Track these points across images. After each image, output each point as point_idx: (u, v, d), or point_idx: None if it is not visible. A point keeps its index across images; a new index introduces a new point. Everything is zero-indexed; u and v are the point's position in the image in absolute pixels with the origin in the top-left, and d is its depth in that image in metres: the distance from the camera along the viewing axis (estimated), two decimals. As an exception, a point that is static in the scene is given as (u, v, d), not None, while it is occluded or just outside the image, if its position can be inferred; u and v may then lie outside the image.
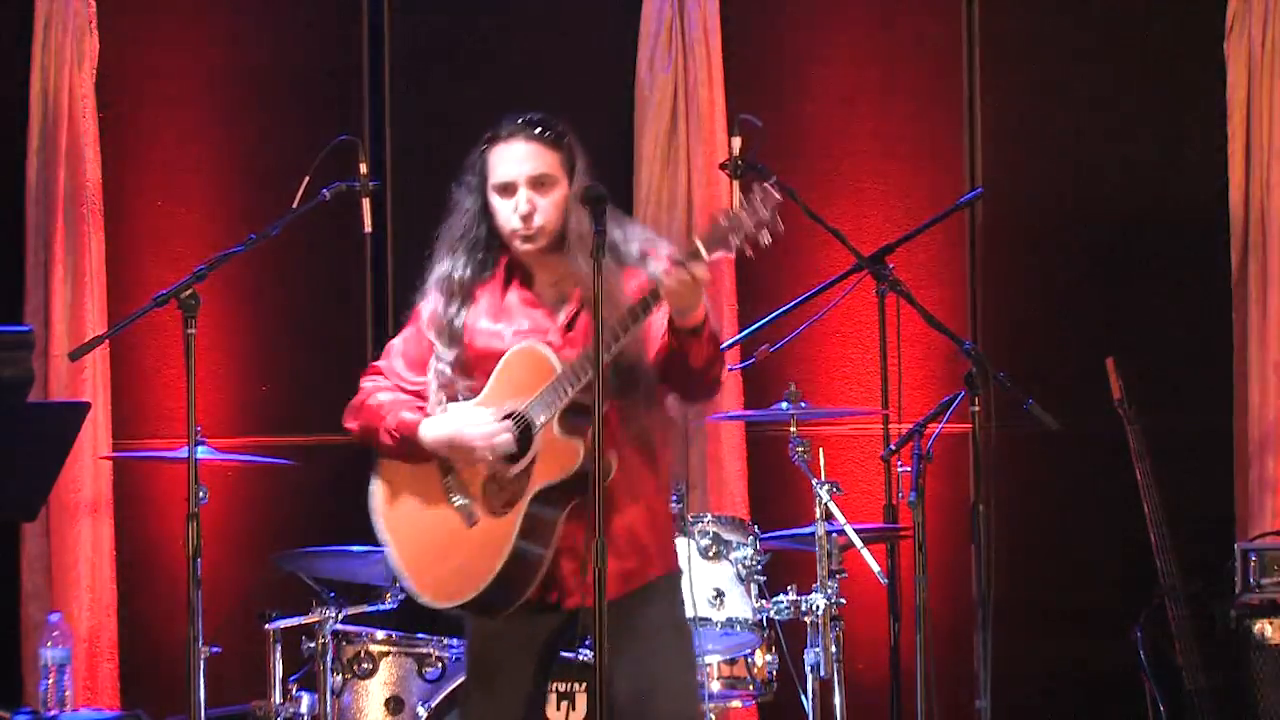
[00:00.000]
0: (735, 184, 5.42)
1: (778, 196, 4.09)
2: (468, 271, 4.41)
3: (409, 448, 4.36)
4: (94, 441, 6.64)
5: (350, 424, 4.49)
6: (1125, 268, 6.99)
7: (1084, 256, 7.00)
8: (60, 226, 6.68)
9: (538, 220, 4.32)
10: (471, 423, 4.27)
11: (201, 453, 5.36)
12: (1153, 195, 6.96)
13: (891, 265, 5.61)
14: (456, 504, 4.33)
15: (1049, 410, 5.25)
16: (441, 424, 4.31)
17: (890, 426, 6.12)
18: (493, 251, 4.43)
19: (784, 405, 5.83)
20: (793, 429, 5.80)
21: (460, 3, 7.09)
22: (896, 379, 5.96)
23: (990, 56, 7.00)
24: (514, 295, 4.42)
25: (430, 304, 4.45)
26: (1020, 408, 5.26)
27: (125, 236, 6.86)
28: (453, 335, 4.38)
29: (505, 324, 4.39)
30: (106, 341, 6.17)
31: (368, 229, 5.00)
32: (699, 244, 4.09)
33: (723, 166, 5.54)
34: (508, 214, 4.35)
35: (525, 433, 4.26)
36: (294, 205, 4.87)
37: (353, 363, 6.94)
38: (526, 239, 4.34)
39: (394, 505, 4.42)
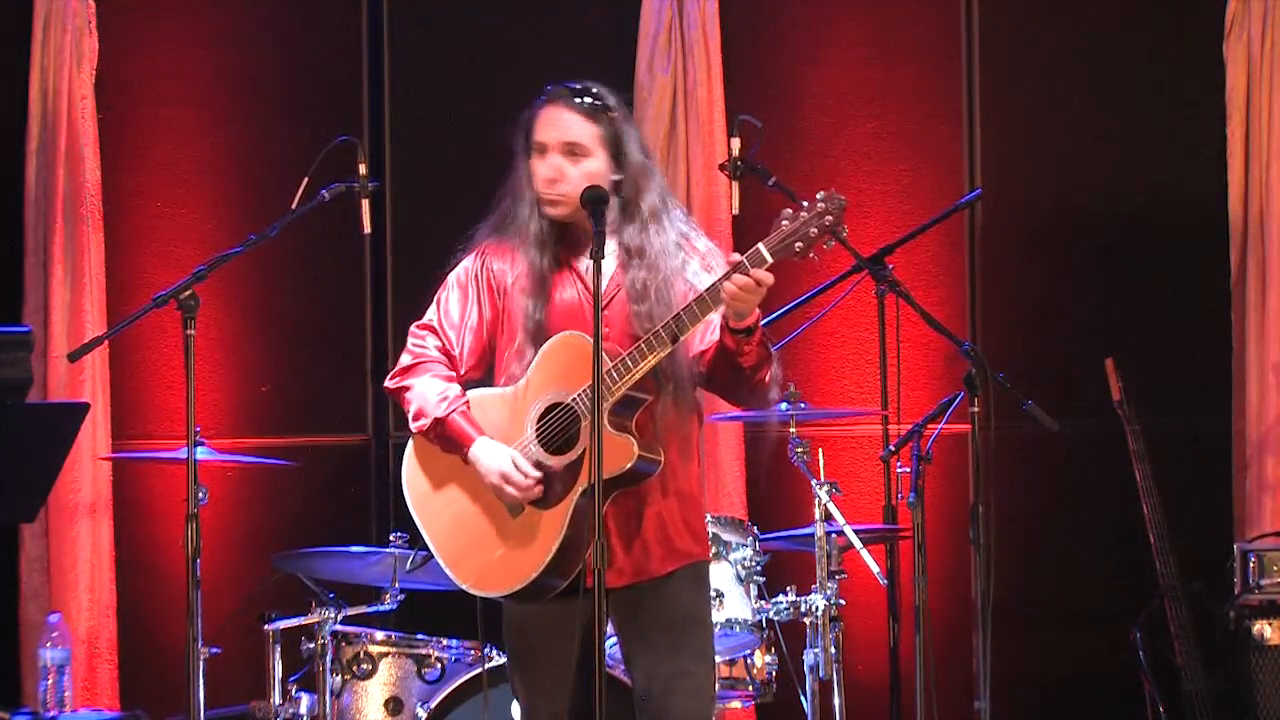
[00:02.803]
0: (735, 185, 5.42)
1: (841, 199, 4.13)
2: (543, 226, 4.43)
3: (449, 446, 4.40)
4: (93, 442, 6.63)
5: (396, 384, 4.50)
6: (1125, 268, 6.98)
7: (1084, 257, 7.00)
8: (59, 227, 6.68)
9: (562, 187, 4.36)
10: (511, 479, 4.29)
11: (201, 453, 5.36)
12: (1152, 196, 6.96)
13: (891, 266, 5.61)
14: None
15: (1048, 411, 5.25)
16: (489, 458, 4.33)
17: (889, 427, 6.12)
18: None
19: (783, 406, 5.83)
20: (792, 429, 5.80)
21: (460, 3, 7.09)
22: (896, 380, 5.95)
23: (990, 56, 7.00)
24: (562, 262, 4.44)
25: (517, 259, 4.43)
26: (1019, 408, 5.26)
27: (125, 237, 6.85)
28: (546, 292, 4.39)
29: (558, 290, 4.41)
30: (106, 342, 6.17)
31: (366, 230, 5.00)
32: (764, 251, 4.13)
33: (722, 167, 5.54)
34: (537, 176, 4.39)
35: (572, 425, 4.28)
36: (293, 206, 4.87)
37: (353, 363, 7.02)
38: (549, 203, 4.38)
39: (432, 491, 4.45)
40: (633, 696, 4.44)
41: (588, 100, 4.39)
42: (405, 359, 4.51)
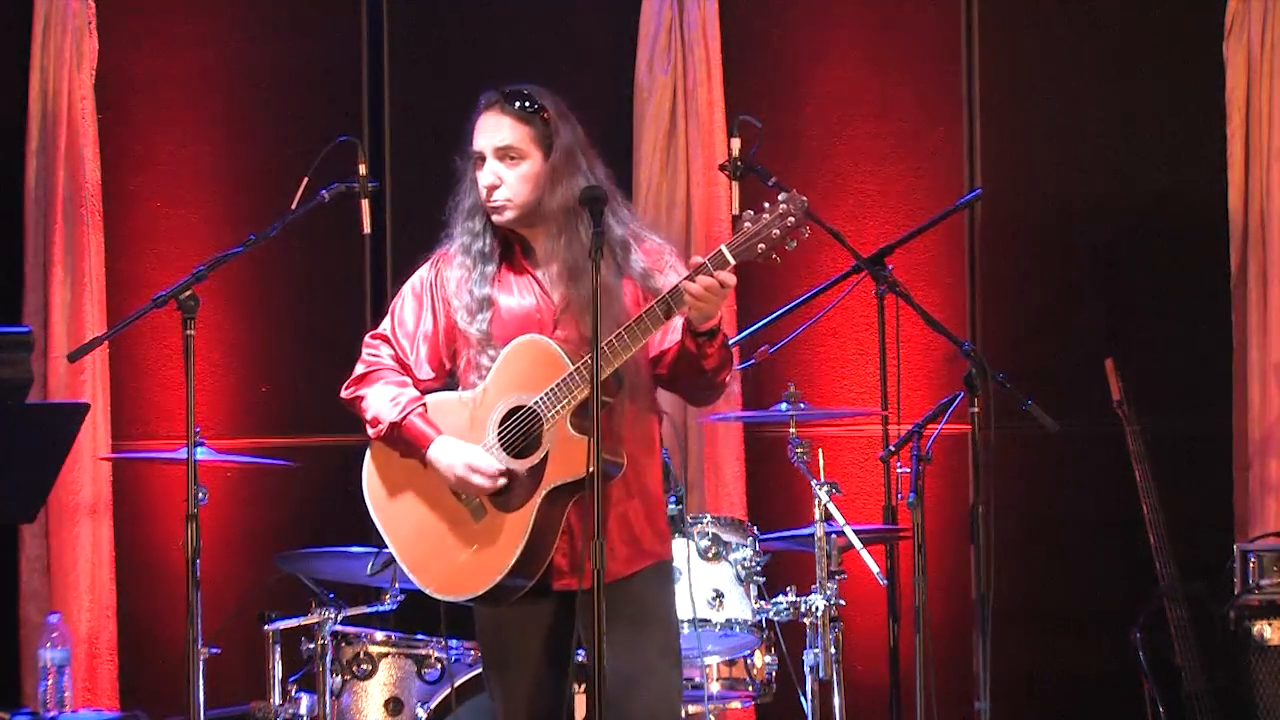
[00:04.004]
0: (735, 185, 5.42)
1: (803, 200, 4.11)
2: (485, 241, 4.43)
3: (407, 450, 4.40)
4: (93, 442, 6.64)
5: (350, 393, 4.52)
6: (1125, 268, 6.98)
7: (1084, 257, 7.00)
8: (60, 228, 6.69)
9: (502, 193, 4.36)
10: (477, 468, 4.29)
11: (201, 454, 5.36)
12: (1152, 196, 6.96)
13: (890, 266, 5.61)
14: (464, 499, 4.36)
15: (1048, 411, 5.25)
16: (451, 454, 4.33)
17: (889, 427, 6.12)
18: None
19: (783, 406, 5.83)
20: (792, 430, 5.80)
21: (460, 3, 7.09)
22: (895, 380, 5.95)
23: (990, 56, 7.00)
24: (514, 267, 4.44)
25: (455, 273, 4.44)
26: (1019, 409, 5.26)
27: (125, 237, 6.86)
28: (481, 301, 4.39)
29: (513, 297, 4.40)
30: (106, 342, 6.17)
31: (366, 230, 4.99)
32: (727, 252, 4.12)
33: (722, 167, 5.54)
34: (478, 185, 4.40)
35: (534, 428, 4.28)
36: (293, 206, 4.87)
37: (353, 363, 7.00)
38: (493, 210, 4.39)
39: (393, 497, 4.45)
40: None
41: (518, 103, 4.38)
42: (359, 368, 4.53)
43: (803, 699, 5.70)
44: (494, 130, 4.38)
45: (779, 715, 6.33)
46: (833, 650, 5.59)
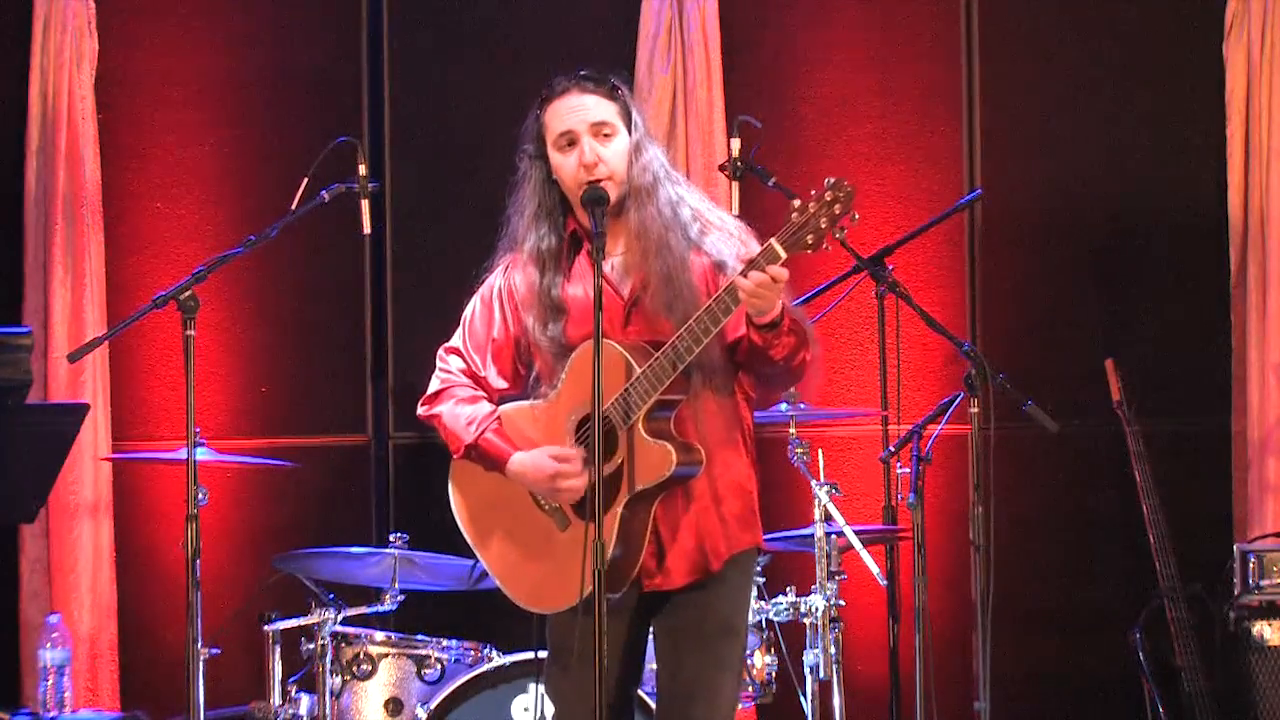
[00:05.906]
0: (735, 185, 5.42)
1: (849, 186, 4.06)
2: (553, 240, 4.38)
3: (488, 464, 4.38)
4: (93, 443, 6.63)
5: (425, 412, 4.48)
6: (1124, 269, 6.98)
7: (1083, 257, 7.00)
8: (59, 228, 6.68)
9: (602, 169, 4.30)
10: (558, 455, 4.27)
11: (201, 454, 5.36)
12: (1152, 196, 6.96)
13: (891, 267, 5.61)
14: (547, 509, 4.34)
15: (1048, 412, 5.25)
16: (530, 464, 4.31)
17: (889, 428, 6.12)
18: (565, 218, 4.40)
19: (783, 406, 5.83)
20: (792, 430, 5.80)
21: (460, 3, 7.09)
22: (895, 380, 5.95)
23: (990, 57, 7.00)
24: (582, 264, 4.39)
25: (523, 279, 4.39)
26: (1019, 409, 5.26)
27: (125, 238, 6.85)
28: (555, 308, 4.35)
29: (582, 294, 4.34)
30: (106, 343, 6.16)
31: (366, 230, 5.00)
32: (777, 246, 4.09)
33: (722, 167, 5.54)
34: (573, 167, 4.32)
35: (609, 435, 4.22)
36: (293, 206, 4.87)
37: (353, 363, 7.02)
38: (596, 198, 4.29)
39: (478, 511, 4.43)
40: (655, 691, 4.44)
41: (600, 81, 4.35)
42: (433, 384, 4.48)
43: (803, 699, 5.71)
44: (583, 108, 4.31)
45: (779, 715, 6.32)
46: (833, 650, 5.59)
